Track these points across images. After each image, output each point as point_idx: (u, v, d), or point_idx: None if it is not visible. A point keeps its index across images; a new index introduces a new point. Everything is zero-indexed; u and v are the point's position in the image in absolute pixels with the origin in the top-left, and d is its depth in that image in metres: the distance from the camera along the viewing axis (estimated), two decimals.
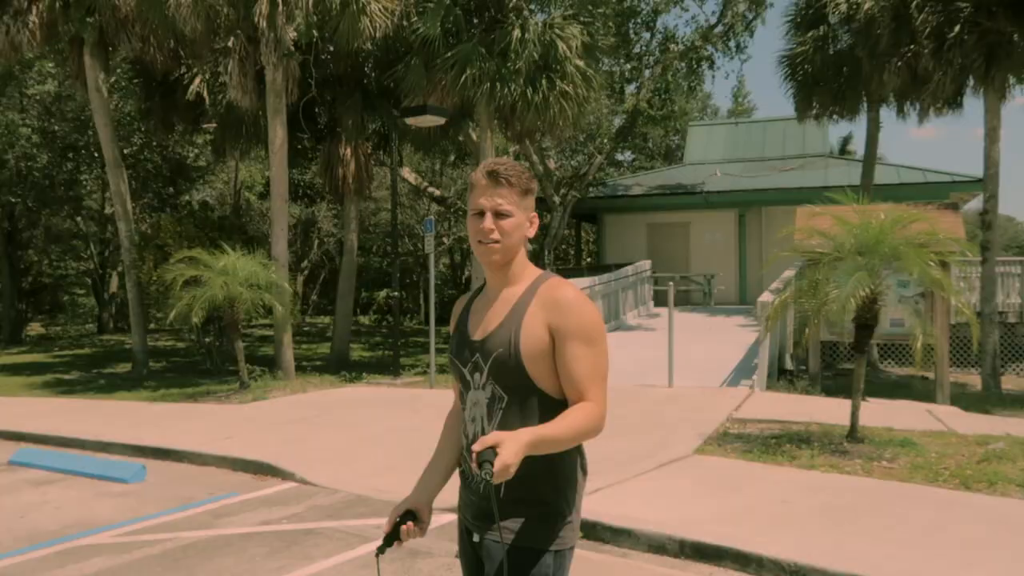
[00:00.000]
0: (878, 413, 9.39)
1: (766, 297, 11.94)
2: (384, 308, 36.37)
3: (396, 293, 14.26)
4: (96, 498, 7.13)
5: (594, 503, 6.01)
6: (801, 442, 7.81)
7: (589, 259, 30.22)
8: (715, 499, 6.07)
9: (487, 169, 2.14)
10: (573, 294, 2.12)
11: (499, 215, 2.13)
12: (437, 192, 23.92)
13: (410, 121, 13.12)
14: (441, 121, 13.25)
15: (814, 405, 10.02)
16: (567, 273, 21.71)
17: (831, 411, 9.46)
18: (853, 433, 7.78)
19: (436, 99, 14.57)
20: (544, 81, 14.29)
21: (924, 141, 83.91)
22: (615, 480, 6.62)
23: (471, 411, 2.19)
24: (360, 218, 20.06)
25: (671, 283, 12.39)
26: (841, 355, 16.84)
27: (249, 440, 8.76)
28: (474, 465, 1.88)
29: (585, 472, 2.24)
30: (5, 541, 5.97)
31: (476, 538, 2.22)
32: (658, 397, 10.64)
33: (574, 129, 16.42)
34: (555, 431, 1.99)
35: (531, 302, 2.13)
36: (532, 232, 2.21)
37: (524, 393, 2.11)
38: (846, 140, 39.77)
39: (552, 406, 2.11)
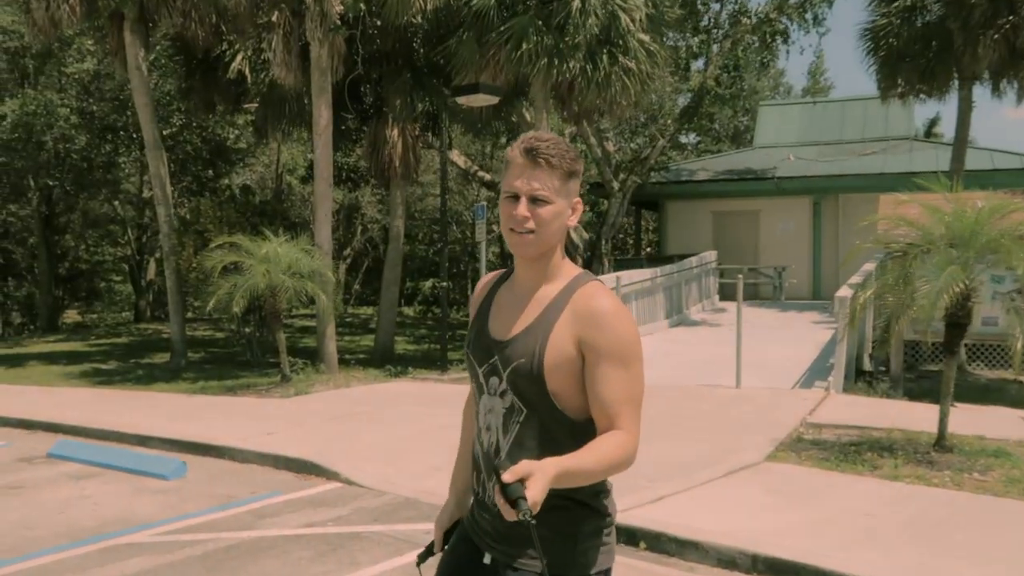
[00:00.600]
0: (968, 420, 9.14)
1: (845, 292, 11.70)
2: (430, 299, 36.65)
3: (444, 283, 14.28)
4: (136, 494, 7.30)
5: (659, 512, 5.95)
6: (883, 450, 7.64)
7: (648, 249, 29.99)
8: (790, 511, 5.97)
9: (525, 146, 2.01)
10: (611, 305, 2.01)
11: (535, 201, 2.00)
12: (487, 176, 23.93)
13: (461, 100, 13.14)
14: (494, 100, 13.24)
15: (896, 410, 9.80)
16: (625, 264, 21.57)
17: (915, 417, 9.24)
18: (941, 441, 7.58)
19: (488, 76, 14.55)
20: (605, 56, 14.19)
21: (1020, 122, 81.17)
22: (681, 488, 6.55)
23: (485, 418, 2.10)
24: (406, 204, 20.15)
25: (740, 276, 12.22)
26: (924, 356, 16.45)
27: (292, 437, 8.87)
28: (499, 498, 1.76)
29: (608, 493, 2.15)
30: (46, 537, 6.14)
31: (488, 559, 2.12)
32: (725, 398, 10.52)
33: (636, 108, 16.27)
34: (583, 464, 1.90)
35: (564, 308, 2.03)
36: (574, 221, 2.08)
37: (545, 410, 2.02)
38: (932, 122, 38.83)
39: (576, 428, 2.03)
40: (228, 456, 8.47)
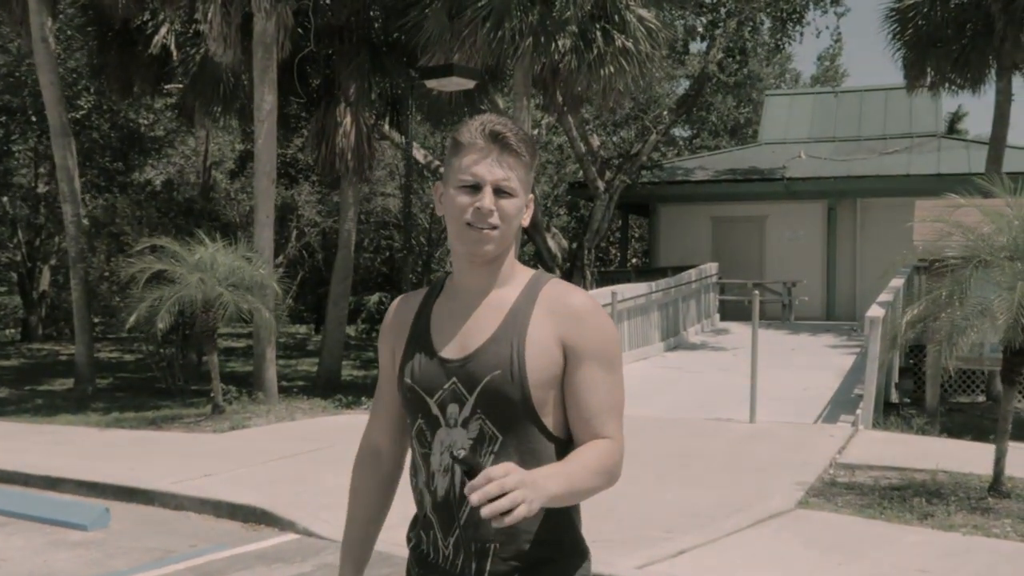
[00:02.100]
0: (1021, 460, 9.27)
1: (877, 311, 11.83)
2: (376, 316, 36.52)
3: None
4: (50, 549, 7.11)
5: (682, 569, 5.92)
6: (931, 495, 7.71)
7: (635, 260, 30.13)
8: (833, 566, 5.98)
9: (489, 128, 1.99)
10: (590, 301, 2.03)
11: (501, 192, 1.99)
12: None
13: (432, 84, 13.11)
14: (470, 85, 13.25)
15: (937, 448, 9.91)
16: (612, 277, 21.66)
17: (959, 456, 9.35)
18: (997, 485, 7.67)
19: (462, 57, 14.54)
20: (599, 34, 14.26)
21: None
22: (703, 540, 6.54)
23: (441, 459, 2.03)
24: (358, 204, 19.97)
25: (755, 292, 12.30)
26: (954, 385, 16.70)
27: (235, 479, 8.73)
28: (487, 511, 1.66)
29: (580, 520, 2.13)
30: None
31: None
32: (739, 435, 10.56)
33: (633, 96, 16.35)
34: (577, 478, 1.88)
35: (533, 309, 2.02)
36: (528, 220, 2.10)
37: (527, 432, 1.99)
38: (955, 116, 39.54)
39: (563, 451, 2.02)
40: (159, 502, 8.31)
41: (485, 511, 1.68)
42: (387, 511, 2.29)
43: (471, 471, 1.74)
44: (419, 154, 21.97)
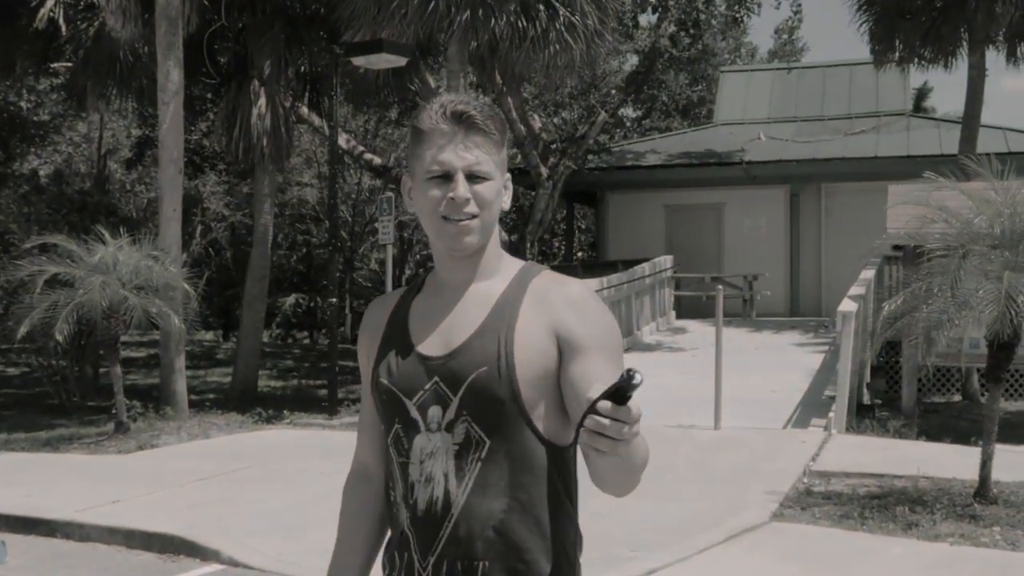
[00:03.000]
0: (1006, 463, 9.54)
1: (849, 306, 12.08)
2: (292, 320, 36.21)
3: (333, 300, 14.17)
4: None
5: None
6: (913, 503, 7.91)
7: (582, 253, 30.35)
8: None
9: (451, 109, 2.02)
10: (585, 288, 2.08)
11: (475, 178, 2.02)
12: (375, 159, 23.87)
13: (359, 62, 13.11)
14: (401, 62, 13.28)
15: (916, 452, 10.16)
16: (557, 272, 21.78)
17: (942, 460, 9.60)
18: (983, 491, 7.90)
19: (390, 32, 14.55)
20: (542, 7, 14.33)
21: (1022, 92, 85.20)
22: (674, 558, 6.64)
23: (421, 468, 2.03)
24: (275, 195, 19.85)
25: (720, 287, 12.48)
26: (929, 384, 17.11)
27: (148, 505, 8.64)
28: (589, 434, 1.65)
29: (581, 549, 2.15)
30: None
31: None
32: (705, 442, 10.72)
33: (581, 74, 16.46)
34: (643, 450, 1.87)
35: (522, 300, 2.05)
36: (508, 202, 2.11)
37: (517, 435, 2.00)
38: (921, 92, 40.33)
39: (558, 458, 2.03)
40: (61, 533, 8.19)
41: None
42: (382, 539, 2.26)
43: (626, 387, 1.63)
44: (341, 139, 21.83)
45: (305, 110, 20.00)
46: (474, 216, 2.02)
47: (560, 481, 2.04)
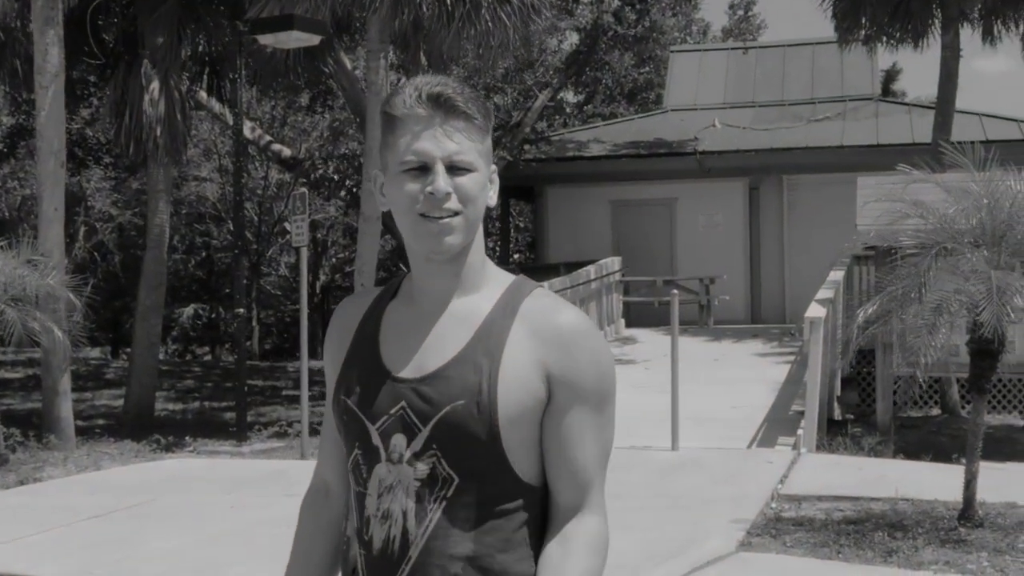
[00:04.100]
0: (990, 482, 9.77)
1: (817, 311, 12.29)
2: (192, 333, 35.82)
3: (240, 311, 14.07)
4: None
5: None
6: (893, 528, 8.07)
7: (519, 255, 30.43)
8: None
9: (427, 91, 2.00)
10: (582, 321, 2.06)
11: (456, 169, 1.99)
12: (285, 150, 23.78)
13: (266, 41, 13.08)
14: (315, 40, 13.26)
15: (894, 471, 10.37)
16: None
17: (920, 479, 9.80)
18: (968, 513, 8.08)
19: (301, 7, 14.53)
20: None
21: (997, 75, 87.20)
22: None
23: (379, 501, 2.03)
24: (170, 191, 19.65)
25: (674, 292, 12.62)
26: (905, 397, 17.46)
27: (32, 546, 8.52)
28: None
29: None
30: None
31: None
32: (662, 464, 10.82)
33: (516, 54, 16.54)
34: None
35: (511, 325, 2.03)
36: (495, 198, 2.10)
37: (492, 477, 2.00)
38: (890, 74, 41.04)
39: (532, 500, 2.05)
40: None
41: None
42: (338, 567, 2.25)
43: None
44: (245, 128, 21.71)
45: (204, 95, 19.85)
46: (456, 213, 1.99)
47: (530, 524, 2.04)
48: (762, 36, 40.77)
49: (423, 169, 1.99)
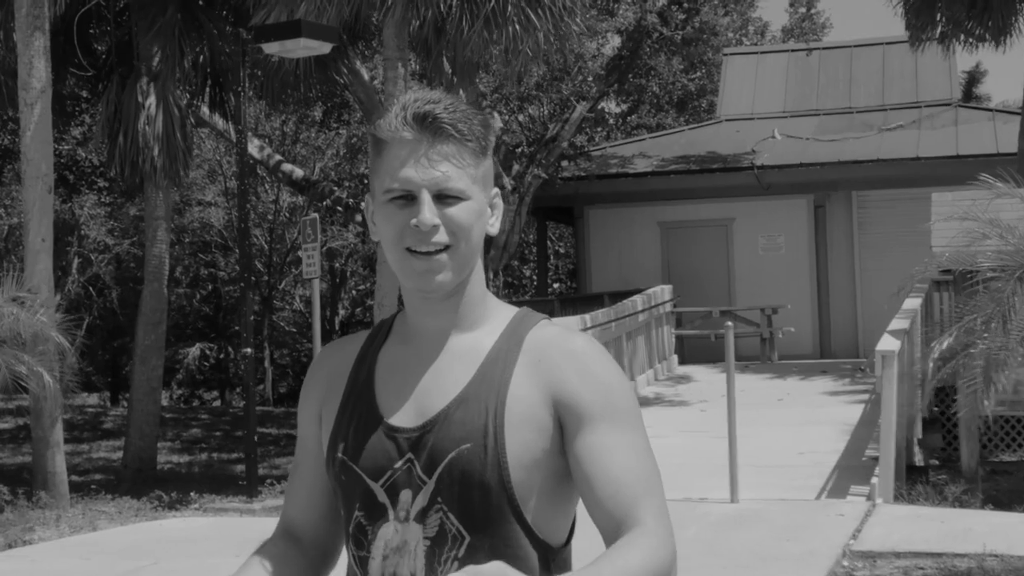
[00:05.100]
0: None
1: (889, 344, 12.14)
2: (198, 377, 35.90)
3: (248, 351, 14.09)
4: None
5: None
6: None
7: (559, 284, 30.38)
8: None
9: (412, 111, 2.02)
10: (590, 344, 2.08)
11: (445, 198, 2.01)
12: (296, 171, 23.86)
13: (272, 50, 13.15)
14: (325, 48, 13.31)
15: (981, 524, 10.20)
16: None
17: (1012, 533, 9.65)
18: None
19: (309, 12, 14.63)
20: None
21: None
22: None
23: (384, 565, 2.03)
24: (170, 218, 19.77)
25: (728, 324, 12.53)
26: (995, 440, 17.23)
27: None
28: None
29: None
30: None
31: None
32: (718, 519, 10.71)
33: (546, 60, 16.54)
34: None
35: (515, 360, 2.05)
36: (497, 226, 2.13)
37: (502, 532, 2.01)
38: (973, 77, 40.86)
39: (552, 560, 2.04)
40: None
41: None
42: None
43: None
44: (252, 146, 21.84)
45: (206, 110, 19.95)
46: (446, 247, 2.00)
47: None
48: (826, 36, 40.73)
49: (408, 198, 2.00)
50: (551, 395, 2.01)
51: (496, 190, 2.12)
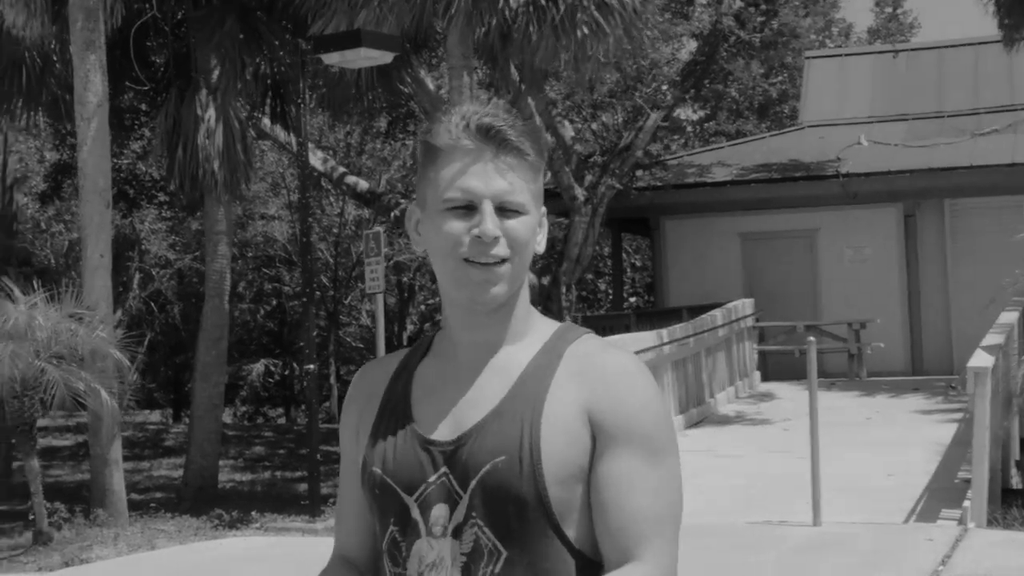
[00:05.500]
0: None
1: (983, 360, 12.01)
2: (262, 393, 36.20)
3: (311, 367, 14.23)
4: None
5: None
6: None
7: (635, 298, 30.35)
8: None
9: (480, 122, 2.05)
10: (632, 362, 2.10)
11: (506, 211, 2.05)
12: (361, 183, 24.03)
13: (332, 60, 13.32)
14: (387, 58, 13.41)
15: None
16: (603, 324, 21.81)
17: None
18: None
19: (370, 20, 14.77)
20: None
21: None
22: None
23: None
24: (232, 232, 20.00)
25: (811, 339, 12.47)
26: None
27: None
28: None
29: None
30: None
31: None
32: (800, 544, 10.64)
33: (618, 66, 16.57)
34: None
35: (555, 371, 2.07)
36: (543, 245, 2.16)
37: (539, 547, 2.02)
38: None
39: (586, 573, 2.06)
40: None
41: None
42: None
43: None
44: (315, 158, 22.05)
45: (267, 122, 20.18)
46: (504, 260, 2.04)
47: None
48: (914, 37, 40.37)
49: (469, 208, 2.03)
50: (587, 410, 2.03)
51: (544, 210, 2.14)
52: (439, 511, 2.04)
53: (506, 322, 2.11)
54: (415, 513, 2.07)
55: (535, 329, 2.14)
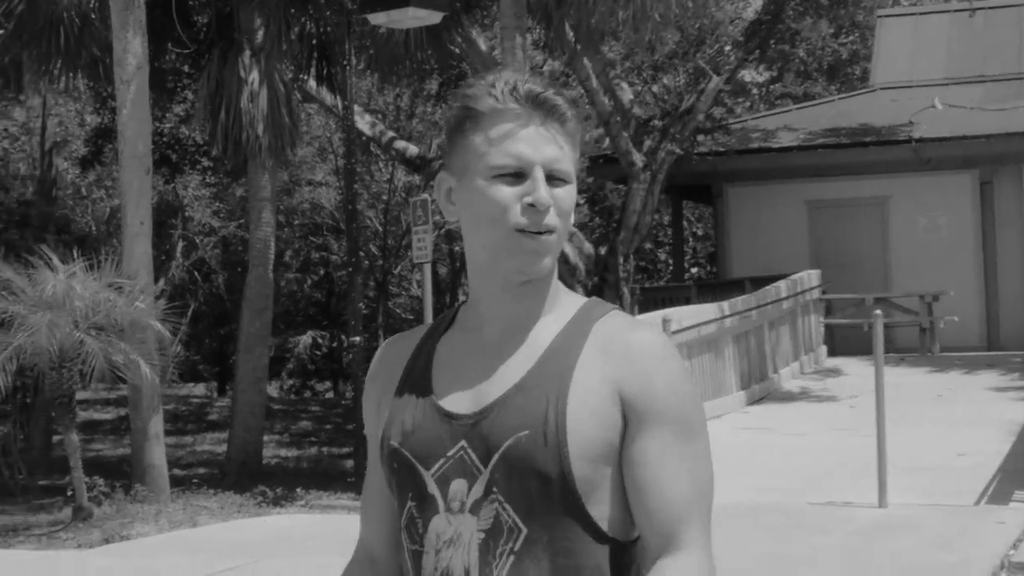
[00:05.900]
0: None
1: None
2: (309, 367, 36.28)
3: (355, 339, 14.30)
4: None
5: None
6: None
7: (696, 269, 30.26)
8: None
9: (527, 88, 2.06)
10: (660, 341, 2.09)
11: (554, 179, 2.06)
12: (410, 148, 24.06)
13: (379, 21, 13.35)
14: (436, 18, 13.43)
15: None
16: (662, 296, 21.82)
17: None
18: None
19: None
20: None
21: None
22: None
23: (437, 559, 2.07)
24: (276, 199, 20.07)
25: (878, 312, 12.40)
26: None
27: None
28: None
29: None
30: None
31: None
32: (863, 526, 10.63)
33: (679, 26, 16.50)
34: None
35: (583, 345, 2.08)
36: (572, 219, 2.15)
37: (563, 525, 2.03)
38: None
39: (618, 557, 2.07)
40: None
41: None
42: None
43: None
44: (363, 122, 22.09)
45: (313, 84, 20.22)
46: (552, 230, 2.05)
47: None
48: None
49: (517, 176, 2.04)
50: (617, 388, 2.03)
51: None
52: (458, 486, 2.05)
53: (542, 295, 2.12)
54: (432, 488, 2.07)
55: (562, 304, 2.15)
